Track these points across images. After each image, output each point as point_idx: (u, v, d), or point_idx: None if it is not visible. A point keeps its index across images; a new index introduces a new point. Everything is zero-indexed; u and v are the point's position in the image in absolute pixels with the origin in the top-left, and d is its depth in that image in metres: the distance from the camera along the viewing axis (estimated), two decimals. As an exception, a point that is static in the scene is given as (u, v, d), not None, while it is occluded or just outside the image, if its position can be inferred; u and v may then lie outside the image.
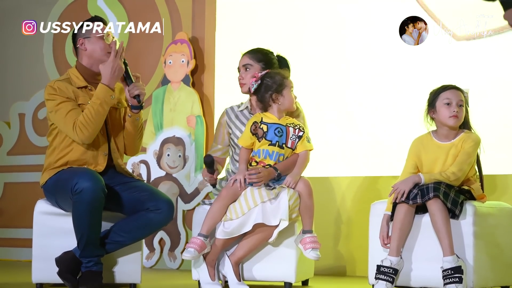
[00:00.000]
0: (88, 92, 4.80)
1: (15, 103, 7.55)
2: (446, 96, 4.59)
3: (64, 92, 4.72)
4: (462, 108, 4.57)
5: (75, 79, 4.80)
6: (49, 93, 4.74)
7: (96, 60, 4.81)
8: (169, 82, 6.80)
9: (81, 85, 4.79)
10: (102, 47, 4.81)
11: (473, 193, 4.57)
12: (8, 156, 7.54)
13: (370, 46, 6.08)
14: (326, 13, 6.26)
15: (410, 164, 4.65)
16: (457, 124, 4.57)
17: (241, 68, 4.99)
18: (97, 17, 4.93)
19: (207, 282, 4.68)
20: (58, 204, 4.71)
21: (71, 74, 4.84)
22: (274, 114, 4.74)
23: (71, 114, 4.68)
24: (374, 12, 6.09)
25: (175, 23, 6.92)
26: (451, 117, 4.55)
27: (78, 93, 4.75)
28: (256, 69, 4.94)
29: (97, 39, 4.81)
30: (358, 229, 5.84)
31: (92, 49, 4.81)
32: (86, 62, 4.84)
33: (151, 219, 4.67)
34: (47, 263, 4.66)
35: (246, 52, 5.03)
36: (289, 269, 4.75)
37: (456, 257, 4.35)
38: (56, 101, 4.71)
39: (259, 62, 4.96)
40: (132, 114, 4.83)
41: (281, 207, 4.56)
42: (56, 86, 4.74)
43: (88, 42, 4.82)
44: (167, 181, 6.69)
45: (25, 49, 7.57)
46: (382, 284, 4.42)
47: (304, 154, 4.75)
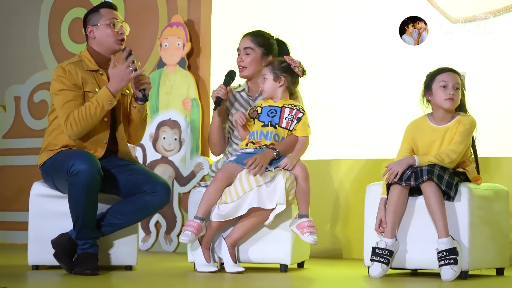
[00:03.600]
0: (98, 76, 4.79)
1: (11, 86, 7.55)
2: (443, 78, 4.59)
3: (73, 77, 4.70)
4: (458, 91, 4.57)
5: (87, 62, 4.79)
6: (58, 74, 4.72)
7: (105, 47, 4.81)
8: (165, 65, 6.80)
9: (93, 68, 4.79)
10: (110, 34, 4.79)
11: (468, 175, 4.58)
12: (4, 139, 7.55)
13: (367, 31, 6.08)
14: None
15: (406, 148, 4.66)
16: (452, 107, 4.57)
17: (242, 51, 4.96)
18: (106, 3, 4.92)
19: (202, 264, 4.70)
20: (55, 185, 4.72)
21: (83, 56, 4.82)
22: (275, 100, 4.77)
23: (69, 104, 4.66)
24: (371, 2, 6.08)
25: (170, 6, 6.91)
26: (446, 99, 4.55)
27: (86, 80, 4.73)
28: (257, 53, 4.93)
29: (105, 26, 4.80)
30: (355, 212, 5.85)
31: (100, 37, 4.80)
32: (96, 48, 4.83)
33: (148, 202, 4.68)
34: (43, 245, 4.66)
35: (247, 34, 5.01)
36: (285, 252, 4.77)
37: (451, 239, 4.37)
38: (61, 85, 4.69)
39: (261, 47, 4.95)
40: (137, 105, 4.83)
41: (278, 190, 4.57)
42: (68, 69, 4.72)
43: (96, 30, 4.81)
44: (163, 164, 6.70)
45: (20, 32, 7.55)
46: (378, 266, 4.45)
47: (303, 140, 4.75)
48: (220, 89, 4.84)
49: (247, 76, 4.96)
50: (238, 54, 5.00)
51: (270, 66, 4.75)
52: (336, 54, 6.18)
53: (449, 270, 4.30)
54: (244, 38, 4.99)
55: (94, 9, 4.88)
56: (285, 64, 4.76)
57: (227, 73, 4.92)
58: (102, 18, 4.81)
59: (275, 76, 4.73)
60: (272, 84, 4.75)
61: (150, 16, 7.00)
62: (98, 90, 4.72)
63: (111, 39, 4.79)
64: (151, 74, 6.85)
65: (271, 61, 4.79)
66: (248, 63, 4.93)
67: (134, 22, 6.99)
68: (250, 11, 6.49)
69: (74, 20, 7.20)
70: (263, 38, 4.98)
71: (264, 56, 4.95)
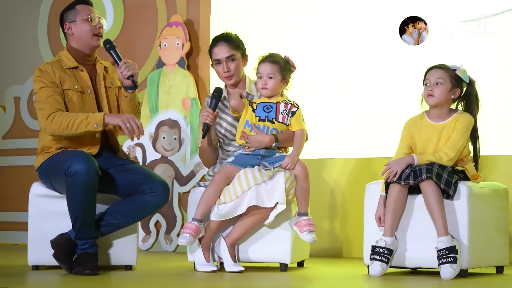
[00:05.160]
0: (78, 72, 4.80)
1: (11, 87, 7.57)
2: (427, 77, 4.63)
3: (50, 76, 4.72)
4: (440, 86, 4.56)
5: (66, 61, 4.81)
6: (36, 75, 4.76)
7: (84, 43, 4.82)
8: (164, 64, 6.80)
9: (71, 66, 4.80)
10: (88, 29, 4.80)
11: (467, 173, 4.59)
12: (4, 139, 7.56)
13: (366, 30, 6.08)
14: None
15: (404, 145, 4.68)
16: (434, 102, 4.58)
17: (224, 60, 4.88)
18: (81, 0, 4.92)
19: (202, 263, 4.71)
20: (53, 186, 4.72)
21: (62, 56, 4.85)
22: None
23: (50, 99, 4.68)
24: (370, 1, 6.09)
25: (169, 6, 6.90)
26: (427, 96, 4.59)
27: (64, 78, 4.74)
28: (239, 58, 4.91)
29: (82, 22, 4.81)
30: (354, 211, 5.85)
31: (79, 33, 4.82)
32: (75, 45, 4.85)
33: (147, 201, 4.68)
34: (42, 245, 4.68)
35: (220, 42, 4.92)
36: (284, 251, 4.77)
37: (451, 237, 4.38)
38: (39, 84, 4.72)
39: (238, 50, 4.92)
40: (128, 94, 4.83)
41: (278, 189, 4.58)
42: (44, 69, 4.75)
43: (74, 26, 4.82)
44: (162, 164, 6.71)
45: (20, 33, 7.57)
46: (377, 265, 4.46)
47: (300, 133, 4.75)
48: (208, 114, 4.77)
49: (236, 82, 4.95)
50: (216, 64, 4.93)
51: (278, 65, 4.74)
52: (334, 53, 6.18)
53: (448, 268, 4.31)
54: (218, 47, 4.92)
55: (70, 6, 4.88)
56: (289, 66, 4.80)
57: (213, 94, 4.85)
58: (79, 14, 4.82)
59: (282, 77, 4.76)
60: (279, 85, 4.77)
61: (149, 16, 6.99)
62: (78, 87, 4.75)
63: (89, 34, 4.80)
64: (151, 74, 6.86)
65: (277, 60, 4.76)
66: (234, 69, 4.91)
67: (133, 22, 7.04)
68: (249, 11, 6.48)
69: (73, 20, 7.20)
70: (236, 41, 4.94)
71: (243, 57, 4.96)
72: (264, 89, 4.76)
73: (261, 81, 4.76)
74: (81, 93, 4.77)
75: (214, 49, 4.94)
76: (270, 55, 4.84)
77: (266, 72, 4.74)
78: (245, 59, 4.99)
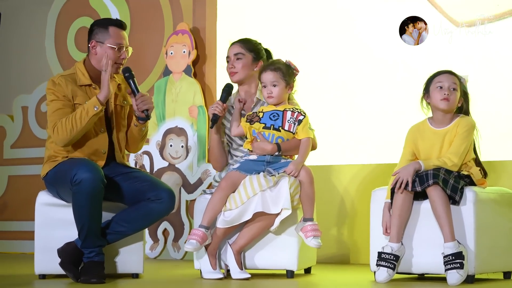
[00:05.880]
0: (92, 90, 4.80)
1: (18, 96, 7.58)
2: (439, 79, 4.62)
3: (62, 89, 4.74)
4: (454, 92, 4.59)
5: (80, 76, 4.81)
6: (48, 87, 4.78)
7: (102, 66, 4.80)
8: (171, 72, 6.82)
9: (85, 83, 4.80)
10: (112, 58, 4.76)
11: (473, 178, 4.59)
12: (12, 149, 7.58)
13: (370, 35, 6.09)
14: (327, 4, 6.27)
15: (408, 152, 4.69)
16: (448, 107, 4.59)
17: (232, 57, 5.00)
18: (117, 21, 4.88)
19: (209, 271, 4.72)
20: (59, 195, 4.74)
21: (77, 69, 4.84)
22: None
23: (58, 113, 4.71)
24: (372, 3, 6.10)
25: (176, 14, 6.93)
26: (442, 99, 4.57)
27: (76, 93, 4.75)
28: (248, 59, 4.97)
29: (109, 48, 4.77)
30: (362, 217, 5.85)
31: (101, 56, 4.77)
32: (94, 63, 4.82)
33: (152, 208, 4.70)
34: (49, 254, 4.69)
35: (236, 41, 5.05)
36: (291, 257, 4.79)
37: (457, 243, 4.37)
38: (51, 96, 4.75)
39: (251, 52, 4.99)
40: (139, 124, 4.86)
41: (283, 195, 4.59)
42: (58, 82, 4.76)
43: (100, 48, 4.79)
44: (170, 172, 6.72)
45: (27, 42, 7.60)
46: (384, 271, 4.46)
47: (306, 141, 4.76)
48: (217, 105, 4.86)
49: (239, 80, 4.99)
50: (227, 61, 5.03)
51: (280, 72, 4.76)
52: (343, 58, 6.20)
53: (455, 274, 4.31)
54: (232, 45, 5.04)
55: (104, 23, 4.84)
56: (291, 70, 4.80)
57: (224, 88, 4.95)
58: (109, 39, 4.78)
59: (286, 83, 4.77)
60: (284, 91, 4.78)
61: (156, 24, 7.02)
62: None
63: (111, 61, 4.76)
64: (157, 82, 6.88)
65: (278, 67, 4.79)
66: (239, 68, 4.96)
67: (140, 30, 7.05)
68: (254, 19, 6.51)
69: (80, 29, 7.23)
70: (251, 44, 5.03)
71: (254, 61, 4.99)
72: (270, 97, 4.78)
73: (266, 90, 4.78)
74: None
75: (228, 49, 5.05)
76: (271, 62, 4.87)
77: (270, 80, 4.77)
78: (257, 64, 5.00)
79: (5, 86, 7.68)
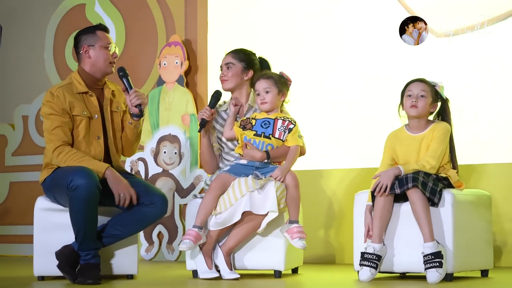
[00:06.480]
0: (88, 97, 4.86)
1: (19, 106, 7.61)
2: (409, 88, 4.72)
3: (61, 102, 4.77)
4: (423, 99, 4.67)
5: (76, 84, 4.86)
6: (46, 99, 4.82)
7: (98, 69, 4.88)
8: (164, 82, 6.88)
9: (82, 91, 4.85)
10: (106, 57, 4.88)
11: (451, 180, 4.65)
12: (13, 156, 7.60)
13: (356, 44, 6.13)
14: (318, 14, 6.31)
15: (387, 157, 4.77)
16: (417, 113, 4.68)
17: (223, 66, 5.11)
18: (101, 25, 4.99)
19: (205, 270, 4.77)
20: (56, 200, 4.78)
21: (73, 78, 4.89)
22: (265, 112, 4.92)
23: (57, 131, 4.76)
24: (361, 9, 6.14)
25: (168, 27, 6.99)
26: (411, 107, 4.67)
27: (74, 103, 4.80)
28: (238, 68, 5.07)
29: (101, 48, 4.87)
30: (347, 220, 5.82)
31: (96, 58, 4.87)
32: (88, 68, 4.89)
33: (146, 213, 4.75)
34: (47, 257, 4.72)
35: (229, 52, 5.15)
36: (278, 258, 4.84)
37: (436, 243, 4.45)
38: (49, 110, 4.79)
39: (241, 61, 5.08)
40: (133, 121, 4.92)
41: (269, 198, 4.66)
42: (56, 94, 4.80)
43: (93, 51, 4.88)
44: (164, 177, 6.74)
45: (27, 54, 7.63)
46: (366, 270, 4.53)
47: (294, 149, 4.85)
48: (205, 110, 4.96)
49: (229, 88, 5.09)
50: (220, 70, 5.14)
51: (272, 79, 4.87)
52: (328, 64, 6.23)
53: (434, 272, 4.39)
54: (226, 56, 5.14)
55: (90, 30, 4.94)
56: (283, 79, 4.92)
57: (213, 95, 5.04)
58: (99, 41, 4.88)
59: (278, 90, 4.87)
60: (276, 98, 4.88)
61: (150, 37, 7.06)
62: (86, 112, 4.81)
63: (106, 61, 4.87)
64: (151, 91, 6.91)
65: (270, 75, 4.90)
66: (230, 76, 5.06)
67: (134, 42, 7.06)
68: (244, 31, 6.55)
69: (77, 41, 7.31)
70: (243, 54, 5.12)
71: (245, 70, 5.08)
72: (263, 103, 4.88)
73: (259, 98, 4.88)
74: (89, 118, 4.84)
75: (223, 59, 5.15)
76: (264, 72, 4.98)
77: (263, 87, 4.88)
78: (247, 73, 5.09)
79: (6, 96, 7.71)
